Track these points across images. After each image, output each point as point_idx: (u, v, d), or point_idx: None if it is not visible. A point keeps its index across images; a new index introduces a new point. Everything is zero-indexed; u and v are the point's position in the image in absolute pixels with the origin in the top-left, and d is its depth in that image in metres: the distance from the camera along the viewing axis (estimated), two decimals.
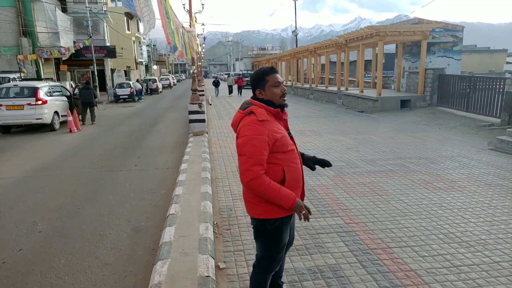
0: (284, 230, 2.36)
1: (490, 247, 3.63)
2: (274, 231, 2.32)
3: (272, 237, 2.35)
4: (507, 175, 6.01)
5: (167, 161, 7.91)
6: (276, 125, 2.28)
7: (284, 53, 35.30)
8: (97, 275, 3.48)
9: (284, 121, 2.40)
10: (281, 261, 2.64)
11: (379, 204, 4.83)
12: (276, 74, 2.32)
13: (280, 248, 2.40)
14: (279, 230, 2.33)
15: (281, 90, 2.30)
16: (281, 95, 2.31)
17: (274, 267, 2.46)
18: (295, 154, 2.34)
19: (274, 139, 2.20)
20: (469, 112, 12.27)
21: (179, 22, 10.36)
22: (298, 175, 2.31)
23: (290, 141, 2.33)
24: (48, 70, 24.29)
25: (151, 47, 60.25)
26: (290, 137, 2.35)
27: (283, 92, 2.31)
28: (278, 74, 2.34)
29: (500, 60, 32.97)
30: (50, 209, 5.20)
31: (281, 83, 2.33)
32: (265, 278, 2.48)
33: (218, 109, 18.00)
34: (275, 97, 2.30)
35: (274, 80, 2.29)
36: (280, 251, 2.42)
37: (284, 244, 2.41)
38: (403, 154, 7.53)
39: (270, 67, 2.41)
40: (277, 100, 2.30)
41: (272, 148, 2.21)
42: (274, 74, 2.32)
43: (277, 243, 2.37)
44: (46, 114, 12.01)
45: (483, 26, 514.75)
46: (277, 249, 2.39)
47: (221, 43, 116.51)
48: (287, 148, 2.27)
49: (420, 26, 15.30)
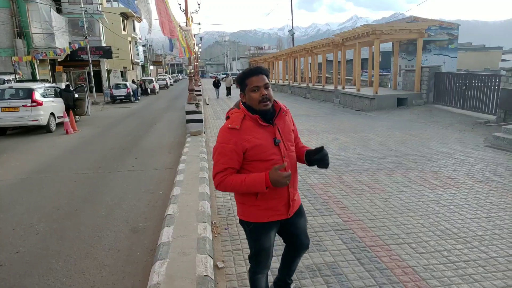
0: (261, 235, 2.33)
1: (487, 242, 3.65)
2: (251, 233, 2.36)
3: (251, 238, 2.40)
4: (502, 171, 6.04)
5: (165, 161, 7.91)
6: (252, 133, 2.14)
7: (281, 53, 35.31)
8: (95, 277, 3.47)
9: (270, 127, 2.20)
10: (291, 264, 2.62)
11: (377, 201, 4.85)
12: (256, 77, 2.14)
13: (260, 251, 2.37)
14: (255, 233, 2.34)
15: (260, 94, 2.12)
16: (260, 100, 2.13)
17: (260, 269, 2.44)
18: (277, 163, 2.16)
19: (243, 148, 2.13)
20: (465, 110, 12.33)
21: (176, 21, 10.35)
22: (276, 187, 2.15)
23: (272, 150, 2.17)
24: (44, 71, 24.21)
25: (147, 47, 60.15)
26: (277, 146, 2.19)
27: (262, 97, 2.12)
28: (260, 76, 2.15)
29: (495, 58, 33.13)
30: (47, 211, 5.19)
31: (262, 87, 2.13)
32: (254, 276, 2.48)
33: (216, 109, 18.00)
34: (253, 102, 2.15)
35: (252, 84, 2.14)
36: (261, 254, 2.38)
37: (264, 249, 2.36)
38: (400, 152, 7.55)
39: (253, 68, 2.21)
40: (255, 105, 2.15)
41: (246, 156, 2.15)
42: (253, 76, 2.15)
43: (256, 245, 2.38)
44: (42, 115, 11.96)
45: (478, 24, 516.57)
46: (257, 251, 2.39)
47: (217, 42, 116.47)
48: (265, 157, 2.15)
49: (416, 24, 15.33)
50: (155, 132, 12.16)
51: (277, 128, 2.22)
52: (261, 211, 2.25)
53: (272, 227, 2.34)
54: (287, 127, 2.30)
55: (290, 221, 2.38)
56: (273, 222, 2.30)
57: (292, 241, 2.54)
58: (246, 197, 2.25)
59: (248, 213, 2.29)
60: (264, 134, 2.17)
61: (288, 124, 2.32)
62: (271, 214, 2.27)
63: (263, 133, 2.17)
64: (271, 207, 2.25)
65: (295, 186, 2.36)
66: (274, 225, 2.34)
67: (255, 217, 2.27)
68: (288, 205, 2.29)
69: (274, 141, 2.18)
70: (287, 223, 2.39)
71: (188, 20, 15.94)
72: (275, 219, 2.30)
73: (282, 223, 2.36)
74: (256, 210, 2.26)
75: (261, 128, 2.18)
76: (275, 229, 2.38)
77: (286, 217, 2.32)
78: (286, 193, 2.26)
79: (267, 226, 2.30)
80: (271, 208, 2.26)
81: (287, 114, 2.35)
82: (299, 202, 2.44)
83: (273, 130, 2.20)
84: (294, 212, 2.36)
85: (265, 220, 2.27)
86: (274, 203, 2.25)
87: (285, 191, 2.25)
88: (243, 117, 2.18)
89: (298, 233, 2.49)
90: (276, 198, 2.24)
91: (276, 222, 2.33)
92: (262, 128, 2.18)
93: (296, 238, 2.51)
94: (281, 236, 2.56)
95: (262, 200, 2.22)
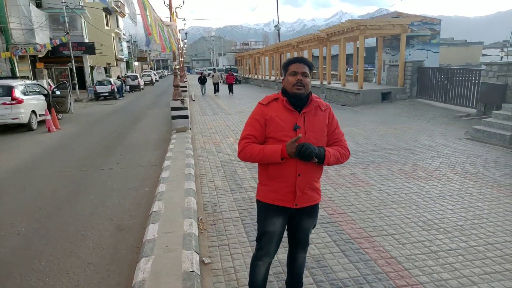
0: (266, 217, 2.40)
1: (466, 232, 3.75)
2: (259, 212, 2.49)
3: (258, 217, 2.49)
4: (482, 163, 6.19)
5: (150, 158, 7.84)
6: (277, 112, 2.32)
7: (267, 48, 35.28)
8: (80, 275, 3.44)
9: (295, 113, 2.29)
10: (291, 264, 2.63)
11: (361, 194, 4.92)
12: (297, 64, 2.32)
13: (263, 233, 2.42)
14: (261, 213, 2.45)
15: (296, 79, 2.28)
16: (294, 84, 2.28)
17: (261, 255, 2.46)
18: None
19: (265, 121, 2.31)
20: (447, 103, 12.56)
21: (157, 16, 10.22)
22: (283, 169, 2.27)
23: (289, 133, 2.26)
24: (24, 68, 23.66)
25: (131, 43, 59.30)
26: (295, 131, 2.26)
27: (297, 81, 2.28)
28: (301, 64, 2.32)
29: (476, 53, 33.78)
30: (29, 210, 5.10)
31: (299, 73, 2.29)
32: (254, 262, 2.50)
33: (202, 105, 17.90)
34: (288, 85, 2.33)
35: (291, 69, 2.32)
36: (263, 237, 2.43)
37: (267, 232, 2.40)
38: (384, 146, 7.66)
39: (298, 57, 2.41)
40: (289, 88, 2.33)
41: (267, 130, 2.32)
42: (294, 63, 2.33)
43: (260, 226, 2.46)
44: (23, 113, 11.70)
45: (460, 19, 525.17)
46: (261, 234, 2.45)
47: (203, 38, 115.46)
48: (280, 137, 2.26)
49: (399, 20, 15.51)
50: (140, 129, 12.04)
51: (303, 117, 2.31)
52: (269, 192, 2.37)
53: (278, 213, 2.37)
54: (317, 121, 2.35)
55: (298, 216, 2.41)
56: (279, 207, 2.35)
57: (291, 237, 2.57)
58: (262, 175, 2.41)
59: (260, 191, 2.44)
60: (287, 117, 2.30)
61: (319, 119, 2.36)
62: (276, 198, 2.34)
63: (286, 116, 2.31)
64: (276, 189, 2.33)
65: (308, 179, 2.33)
66: (280, 212, 2.37)
67: (263, 196, 2.41)
68: (294, 194, 2.31)
69: (294, 126, 2.28)
70: (294, 217, 2.42)
71: (173, 16, 15.77)
72: (280, 204, 2.34)
73: (290, 214, 2.41)
74: (265, 189, 2.39)
75: (287, 111, 2.32)
76: (282, 217, 2.39)
77: (292, 206, 2.34)
78: (292, 179, 2.29)
79: (272, 209, 2.37)
80: (276, 191, 2.33)
81: (325, 111, 2.40)
82: (313, 200, 2.41)
83: (298, 117, 2.31)
84: (303, 206, 2.36)
85: (270, 202, 2.37)
86: (279, 186, 2.32)
87: (292, 176, 2.29)
88: (274, 98, 2.38)
89: (298, 231, 2.50)
90: (282, 181, 2.31)
91: (283, 209, 2.36)
92: (287, 111, 2.32)
93: (294, 236, 2.53)
94: (287, 230, 2.56)
95: (270, 180, 2.34)
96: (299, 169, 2.28)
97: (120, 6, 39.92)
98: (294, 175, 2.29)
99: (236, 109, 15.49)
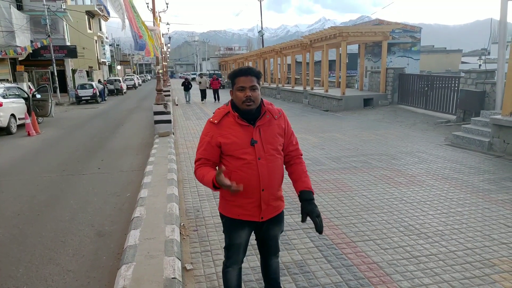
0: (232, 231, 2.38)
1: (447, 237, 3.82)
2: (224, 226, 2.45)
3: (224, 231, 2.47)
4: (462, 168, 6.34)
5: (132, 163, 7.74)
6: (229, 129, 2.22)
7: (251, 53, 35.45)
8: (59, 283, 3.35)
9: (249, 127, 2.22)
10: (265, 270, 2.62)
11: (343, 200, 4.96)
12: (244, 77, 2.20)
13: (230, 246, 2.42)
14: (227, 227, 2.42)
15: (244, 95, 2.17)
16: (244, 101, 2.17)
17: (230, 263, 2.47)
18: (249, 163, 2.20)
19: (217, 142, 2.23)
20: (427, 110, 12.82)
21: (142, 20, 10.15)
22: (246, 186, 2.17)
23: (247, 149, 2.20)
24: (4, 70, 23.09)
25: (114, 46, 58.63)
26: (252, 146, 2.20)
27: (246, 97, 2.17)
28: (249, 77, 2.20)
29: (455, 60, 34.65)
30: (6, 216, 4.96)
31: (248, 88, 2.17)
32: (225, 269, 2.50)
33: (185, 109, 17.80)
34: (237, 100, 2.22)
35: (239, 84, 2.20)
36: (231, 249, 2.43)
37: (234, 244, 2.40)
38: (366, 151, 7.76)
39: (244, 68, 2.26)
40: (239, 104, 2.21)
41: (222, 150, 2.26)
42: (241, 77, 2.20)
43: (227, 239, 2.45)
44: (2, 117, 11.44)
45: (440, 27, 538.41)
46: (228, 245, 2.45)
47: (187, 42, 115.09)
48: (238, 155, 2.20)
49: (380, 27, 15.82)
50: (122, 133, 11.88)
51: (258, 130, 2.24)
52: (233, 207, 2.31)
53: (243, 227, 2.35)
54: (272, 131, 2.28)
55: (264, 226, 2.40)
56: (245, 221, 2.33)
57: (260, 246, 2.57)
58: (223, 191, 2.29)
59: (223, 206, 2.39)
60: (242, 132, 2.22)
61: (274, 128, 2.29)
62: (242, 213, 2.30)
63: (241, 132, 2.22)
64: (241, 205, 2.28)
65: (272, 191, 2.30)
66: (246, 225, 2.35)
67: (228, 211, 2.36)
68: (259, 208, 2.28)
69: (251, 141, 2.21)
70: (260, 227, 2.41)
71: (156, 20, 15.68)
72: (246, 219, 2.31)
73: (256, 226, 2.38)
74: (229, 205, 2.33)
75: (240, 126, 2.22)
76: (248, 229, 2.39)
77: (258, 220, 2.32)
78: (257, 195, 2.25)
79: (238, 223, 2.34)
80: (241, 206, 2.28)
81: (279, 119, 2.32)
82: (278, 209, 2.39)
83: (252, 131, 2.22)
84: (268, 218, 2.35)
85: (235, 217, 2.32)
86: (243, 201, 2.27)
87: (256, 192, 2.24)
88: (225, 113, 2.26)
89: (267, 239, 2.49)
90: (246, 197, 2.25)
91: (249, 223, 2.34)
92: (240, 127, 2.22)
93: (264, 244, 2.53)
94: (256, 240, 2.56)
95: (234, 196, 2.25)
96: (263, 184, 2.23)
97: (103, 9, 39.39)
98: (258, 190, 2.25)
99: None
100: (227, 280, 2.51)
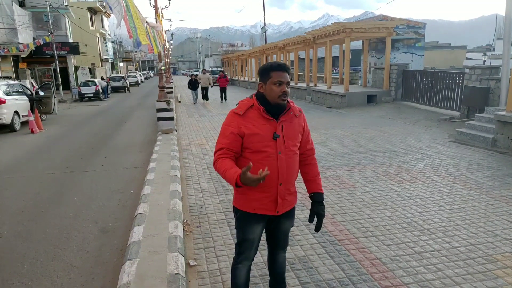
0: (246, 225, 2.39)
1: (450, 233, 3.82)
2: (238, 221, 2.44)
3: (237, 226, 2.46)
4: (465, 165, 6.31)
5: (135, 160, 7.76)
6: (254, 121, 2.24)
7: (254, 50, 35.33)
8: (63, 279, 3.38)
9: (273, 121, 2.25)
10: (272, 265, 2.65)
11: (346, 196, 4.96)
12: (282, 72, 2.23)
13: (243, 241, 2.42)
14: (241, 221, 2.41)
15: (281, 90, 2.21)
16: (280, 95, 2.21)
17: (241, 259, 2.47)
18: (269, 157, 2.23)
19: (241, 133, 2.23)
20: (431, 106, 12.77)
21: (142, 17, 10.13)
22: (265, 180, 2.15)
23: (269, 142, 2.23)
24: (6, 68, 23.16)
25: (116, 43, 58.68)
26: (274, 140, 2.24)
27: (283, 92, 2.21)
28: (285, 73, 2.24)
29: (460, 56, 34.52)
30: (11, 213, 4.99)
31: (285, 83, 2.22)
32: (235, 265, 2.51)
33: (188, 107, 17.81)
34: (272, 94, 2.23)
35: (277, 78, 2.21)
36: (244, 244, 2.43)
37: (247, 240, 2.41)
38: (369, 148, 7.74)
39: (282, 63, 2.28)
40: (273, 99, 2.23)
41: (244, 142, 2.25)
42: (279, 71, 2.23)
43: (240, 234, 2.44)
44: (5, 114, 11.47)
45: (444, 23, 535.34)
46: (241, 240, 2.44)
47: (189, 39, 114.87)
48: (260, 148, 2.22)
49: (384, 23, 15.72)
50: (125, 130, 11.91)
51: (281, 124, 2.28)
52: (249, 201, 2.32)
53: (258, 221, 2.37)
54: (294, 128, 2.34)
55: (277, 220, 2.42)
56: (259, 215, 2.34)
57: (270, 239, 2.59)
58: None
59: (238, 200, 2.38)
60: (266, 126, 2.25)
61: (296, 126, 2.36)
62: (258, 207, 2.32)
63: (265, 125, 2.25)
64: (258, 198, 2.30)
65: (288, 186, 2.34)
66: (260, 219, 2.37)
67: (243, 205, 2.35)
68: (276, 202, 2.31)
69: (273, 135, 2.24)
70: (273, 221, 2.43)
71: (158, 17, 15.67)
72: (261, 213, 2.33)
73: (269, 219, 2.40)
74: (245, 198, 2.33)
75: (264, 120, 2.26)
76: (262, 223, 2.40)
77: (274, 214, 2.35)
78: (274, 189, 2.28)
79: (253, 217, 2.35)
80: (258, 200, 2.30)
81: (299, 117, 2.39)
82: (291, 204, 2.43)
83: (276, 125, 2.26)
84: (283, 212, 2.38)
85: (251, 211, 2.33)
86: (261, 196, 2.29)
87: (274, 186, 2.28)
88: (250, 106, 2.28)
89: (278, 233, 2.52)
90: (264, 191, 2.28)
91: (263, 217, 2.36)
92: (265, 120, 2.26)
93: (274, 238, 2.55)
94: (265, 232, 2.57)
95: (251, 190, 2.27)
96: (281, 179, 2.27)
97: (105, 6, 39.43)
98: (276, 184, 2.28)
99: (223, 111, 15.45)
100: (236, 276, 2.51)
